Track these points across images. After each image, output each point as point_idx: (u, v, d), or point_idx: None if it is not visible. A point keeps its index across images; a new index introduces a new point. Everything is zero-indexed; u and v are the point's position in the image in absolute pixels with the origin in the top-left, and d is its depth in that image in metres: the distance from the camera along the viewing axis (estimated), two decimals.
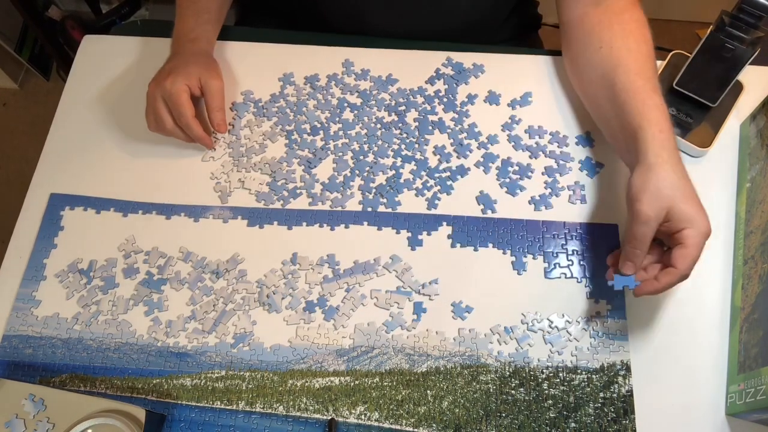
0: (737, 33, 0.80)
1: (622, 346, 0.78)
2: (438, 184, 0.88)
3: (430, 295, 0.81)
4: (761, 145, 0.83)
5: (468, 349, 0.78)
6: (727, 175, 0.88)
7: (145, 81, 0.87)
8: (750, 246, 0.79)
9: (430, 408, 0.75)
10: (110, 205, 0.87)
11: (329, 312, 0.80)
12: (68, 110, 0.95)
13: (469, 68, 0.96)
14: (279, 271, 0.83)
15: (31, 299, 0.82)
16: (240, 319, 0.81)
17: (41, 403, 0.71)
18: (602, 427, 0.74)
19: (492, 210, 0.86)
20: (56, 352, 0.79)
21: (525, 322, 0.79)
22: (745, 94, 0.90)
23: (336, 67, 0.97)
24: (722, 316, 0.79)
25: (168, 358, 0.79)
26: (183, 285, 0.83)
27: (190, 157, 0.91)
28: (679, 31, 2.08)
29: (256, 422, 0.75)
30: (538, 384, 0.76)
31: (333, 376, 0.77)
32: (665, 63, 0.94)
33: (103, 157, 0.91)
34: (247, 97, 0.95)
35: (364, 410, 0.76)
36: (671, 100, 0.90)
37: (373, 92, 0.95)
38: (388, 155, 0.90)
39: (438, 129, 0.92)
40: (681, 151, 0.88)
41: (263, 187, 0.88)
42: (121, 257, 0.84)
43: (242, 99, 0.95)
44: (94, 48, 1.01)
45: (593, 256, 0.83)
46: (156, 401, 0.77)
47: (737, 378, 0.74)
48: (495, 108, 0.93)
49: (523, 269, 0.82)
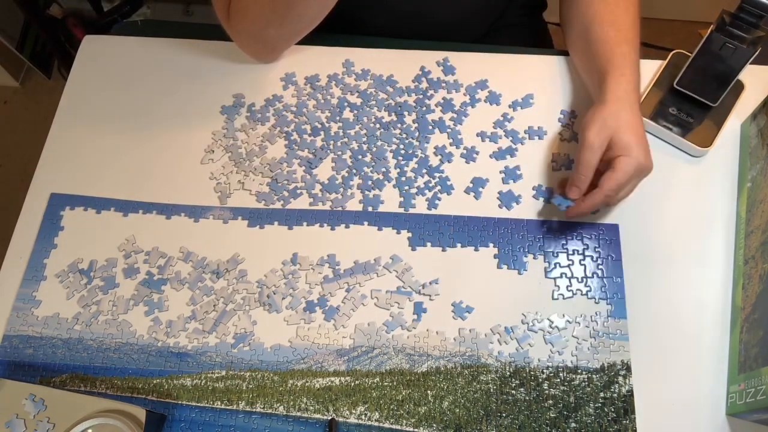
0: (738, 32, 0.80)
1: (623, 346, 0.78)
2: (438, 184, 0.88)
3: (430, 295, 0.81)
4: (762, 144, 0.83)
5: (468, 349, 0.78)
6: (727, 174, 0.87)
7: (145, 81, 0.87)
8: (750, 246, 0.79)
9: (431, 408, 0.75)
10: (110, 205, 0.87)
11: (329, 312, 0.80)
12: (68, 110, 0.95)
13: (469, 68, 0.96)
14: (279, 271, 0.83)
15: (31, 299, 0.82)
16: (240, 319, 0.81)
17: (41, 403, 0.71)
18: (603, 427, 0.74)
19: (492, 210, 0.86)
20: (56, 352, 0.79)
21: (525, 322, 0.79)
22: (746, 94, 0.90)
23: (336, 67, 0.97)
24: (723, 316, 0.79)
25: (168, 358, 0.79)
26: (183, 285, 0.83)
27: (190, 158, 0.91)
28: (681, 31, 2.07)
29: (257, 422, 0.75)
30: (538, 384, 0.76)
31: (333, 376, 0.77)
32: (666, 63, 0.94)
33: (103, 157, 0.91)
34: (241, 99, 0.95)
35: (364, 410, 0.76)
36: (672, 100, 0.90)
37: (373, 92, 0.95)
38: (388, 155, 0.90)
39: (438, 129, 0.92)
40: (681, 150, 0.88)
41: (263, 187, 0.88)
42: (121, 257, 0.84)
43: (241, 99, 0.95)
44: (95, 48, 1.00)
45: (594, 256, 0.83)
46: (156, 401, 0.77)
47: (738, 378, 0.73)
48: (495, 108, 0.93)
49: (523, 269, 0.82)
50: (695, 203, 0.86)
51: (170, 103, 0.94)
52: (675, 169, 0.88)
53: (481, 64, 0.96)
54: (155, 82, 0.96)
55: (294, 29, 0.91)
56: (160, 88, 0.96)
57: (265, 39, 0.91)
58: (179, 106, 0.94)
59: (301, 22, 0.89)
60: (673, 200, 0.86)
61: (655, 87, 0.92)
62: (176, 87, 0.95)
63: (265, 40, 0.92)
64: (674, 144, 0.89)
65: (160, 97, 0.95)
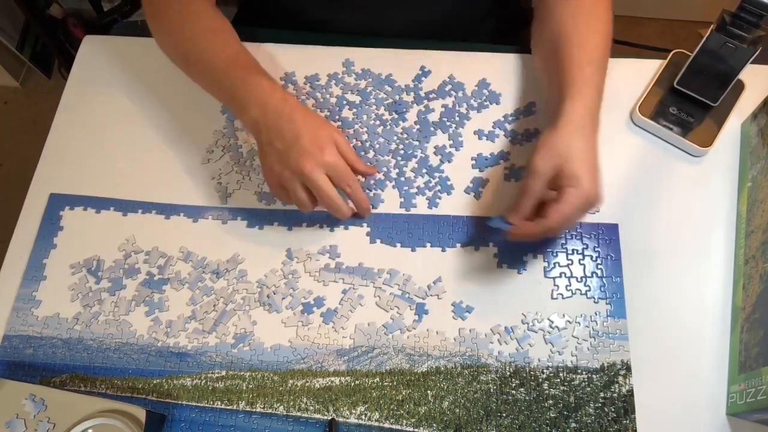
0: (738, 32, 0.80)
1: (623, 346, 0.78)
2: (438, 184, 0.88)
3: (437, 295, 0.81)
4: (762, 144, 0.82)
5: (468, 349, 0.78)
6: (728, 174, 0.87)
7: (145, 81, 0.87)
8: (751, 245, 0.79)
9: (431, 408, 0.75)
10: (110, 205, 0.87)
11: (329, 312, 0.80)
12: (68, 111, 0.95)
13: (469, 68, 0.96)
14: (279, 271, 0.83)
15: (31, 299, 0.82)
16: (240, 319, 0.81)
17: (42, 403, 0.71)
18: (603, 426, 0.74)
19: (492, 210, 0.86)
20: (56, 352, 0.79)
21: (525, 322, 0.79)
22: (747, 93, 0.90)
23: (336, 67, 0.97)
24: (723, 316, 0.79)
25: (168, 358, 0.79)
26: (183, 285, 0.83)
27: (191, 158, 0.91)
28: (681, 31, 2.07)
29: (257, 422, 0.75)
30: (538, 384, 0.76)
31: (333, 376, 0.77)
32: (666, 62, 0.93)
33: (102, 157, 0.91)
34: None
35: (364, 410, 0.76)
36: (672, 100, 0.90)
37: (372, 90, 0.94)
38: (388, 155, 0.90)
39: (439, 129, 0.92)
40: (682, 150, 0.88)
41: (264, 186, 0.88)
42: (121, 257, 0.84)
43: None
44: (95, 48, 1.00)
45: (593, 255, 0.83)
46: (156, 401, 0.77)
47: (738, 378, 0.73)
48: (495, 107, 0.93)
49: (523, 269, 0.82)
50: (695, 203, 0.86)
51: (170, 103, 0.94)
52: (675, 168, 0.88)
53: (482, 64, 0.96)
54: (155, 82, 0.96)
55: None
56: (160, 87, 0.95)
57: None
58: (179, 106, 0.94)
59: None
60: (673, 200, 0.86)
61: (656, 87, 0.91)
62: (176, 87, 0.94)
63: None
64: (674, 144, 0.89)
65: (160, 97, 0.95)
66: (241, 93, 0.80)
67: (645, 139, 0.90)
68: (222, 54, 0.83)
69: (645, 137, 0.90)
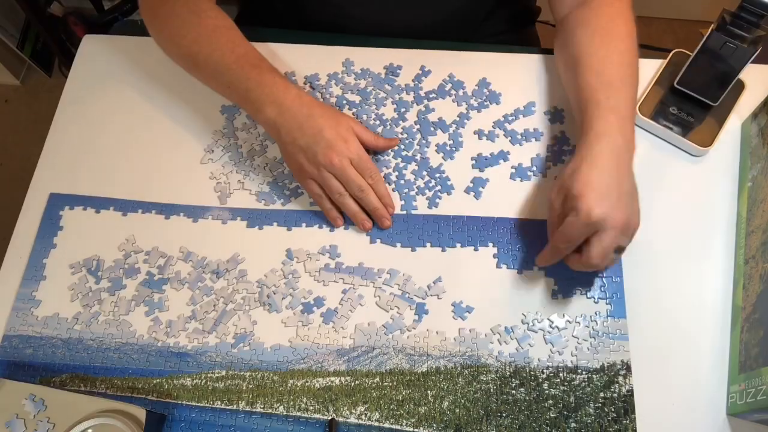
0: (738, 32, 0.80)
1: (623, 346, 0.78)
2: (439, 184, 0.88)
3: (437, 294, 0.81)
4: (762, 144, 0.82)
5: (468, 349, 0.78)
6: (728, 174, 0.87)
7: (145, 80, 0.87)
8: (751, 245, 0.79)
9: (431, 408, 0.75)
10: (110, 205, 0.87)
11: (329, 312, 0.80)
12: (68, 110, 0.95)
13: (470, 68, 0.96)
14: (279, 271, 0.83)
15: (31, 299, 0.82)
16: (240, 319, 0.81)
17: (41, 403, 0.71)
18: (603, 426, 0.74)
19: (492, 210, 0.86)
20: (56, 352, 0.79)
21: (525, 322, 0.79)
22: (747, 93, 0.90)
23: (336, 66, 0.97)
24: (723, 316, 0.79)
25: (168, 358, 0.79)
26: (183, 285, 0.83)
27: (190, 157, 0.91)
28: (681, 30, 2.07)
29: (257, 422, 0.75)
30: (538, 384, 0.76)
31: (333, 376, 0.77)
32: (666, 62, 0.93)
33: (102, 157, 0.91)
34: None
35: (364, 410, 0.76)
36: (672, 99, 0.90)
37: (372, 90, 0.94)
38: (388, 154, 0.90)
39: (440, 128, 0.92)
40: (682, 150, 0.88)
41: (264, 186, 0.88)
42: (121, 257, 0.84)
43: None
44: (95, 47, 1.00)
45: None
46: (156, 401, 0.77)
47: (738, 378, 0.73)
48: (495, 107, 0.93)
49: (523, 269, 0.82)
50: (695, 203, 0.86)
51: (170, 103, 0.94)
52: (675, 168, 0.88)
53: (482, 64, 0.96)
54: (155, 81, 0.96)
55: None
56: (160, 87, 0.95)
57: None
58: (179, 105, 0.94)
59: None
60: (673, 200, 0.86)
61: (656, 86, 0.91)
62: (176, 86, 0.94)
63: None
64: (675, 143, 0.89)
65: (160, 96, 0.95)
66: (256, 94, 0.80)
67: (645, 138, 0.90)
68: (231, 54, 0.83)
69: (645, 137, 0.90)
